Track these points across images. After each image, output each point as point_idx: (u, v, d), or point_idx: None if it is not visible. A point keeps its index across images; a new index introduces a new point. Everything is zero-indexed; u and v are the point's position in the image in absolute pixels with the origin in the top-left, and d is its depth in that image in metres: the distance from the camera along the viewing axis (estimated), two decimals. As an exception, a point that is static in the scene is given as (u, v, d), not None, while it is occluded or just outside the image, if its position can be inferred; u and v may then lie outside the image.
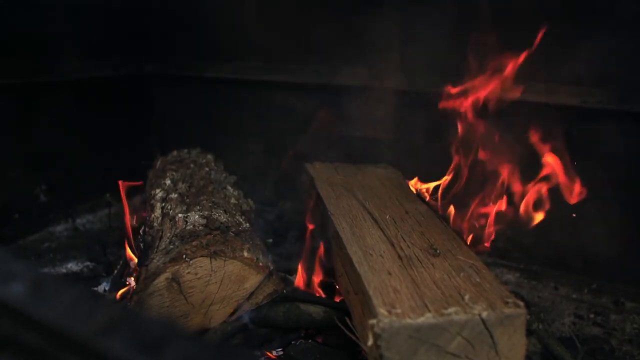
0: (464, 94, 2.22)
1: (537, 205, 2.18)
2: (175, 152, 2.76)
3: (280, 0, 2.82)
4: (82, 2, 2.85)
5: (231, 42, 3.02)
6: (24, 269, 0.77)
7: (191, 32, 3.18)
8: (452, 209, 2.24)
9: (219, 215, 1.94)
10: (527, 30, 2.22)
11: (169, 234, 1.87)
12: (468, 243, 2.16)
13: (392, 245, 1.65)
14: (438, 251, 1.61)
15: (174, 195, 2.15)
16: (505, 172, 2.20)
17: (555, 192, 2.41)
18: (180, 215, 1.94)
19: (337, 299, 1.97)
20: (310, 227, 2.16)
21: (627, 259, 2.30)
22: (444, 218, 2.09)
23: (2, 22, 2.53)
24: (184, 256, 1.68)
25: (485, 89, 2.19)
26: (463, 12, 2.40)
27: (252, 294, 1.79)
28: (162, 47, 3.29)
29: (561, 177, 2.13)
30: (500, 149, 2.20)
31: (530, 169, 2.22)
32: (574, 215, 2.39)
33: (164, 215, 2.04)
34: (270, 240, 2.59)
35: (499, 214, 2.19)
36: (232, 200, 2.22)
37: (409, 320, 1.23)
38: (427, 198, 2.31)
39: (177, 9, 3.19)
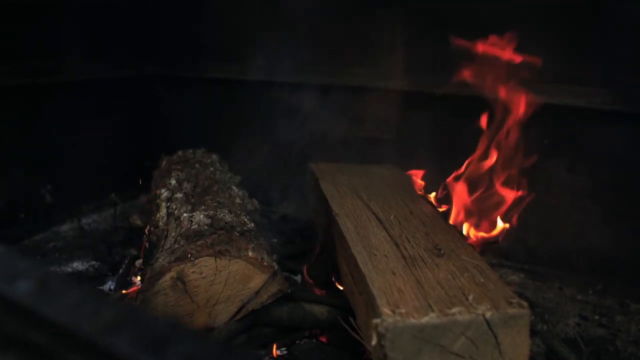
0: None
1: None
2: (180, 152, 2.77)
3: (284, 0, 2.82)
4: (87, 3, 2.86)
5: (235, 42, 3.03)
6: (30, 268, 0.77)
7: (195, 34, 3.19)
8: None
9: (223, 215, 1.94)
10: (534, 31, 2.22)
11: (174, 234, 1.87)
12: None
13: (397, 245, 1.65)
14: (442, 251, 1.61)
15: (179, 195, 2.16)
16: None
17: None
18: (185, 214, 1.95)
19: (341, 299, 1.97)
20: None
21: (633, 260, 2.29)
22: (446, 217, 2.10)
23: (7, 24, 2.54)
24: (189, 255, 1.68)
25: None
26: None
27: (256, 293, 1.79)
28: (166, 48, 3.30)
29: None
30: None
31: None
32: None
33: (169, 214, 2.05)
34: (275, 240, 2.60)
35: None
36: (237, 200, 2.23)
37: (412, 320, 1.23)
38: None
39: (181, 10, 3.20)
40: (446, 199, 2.28)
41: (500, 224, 2.17)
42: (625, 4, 2.11)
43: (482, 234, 2.19)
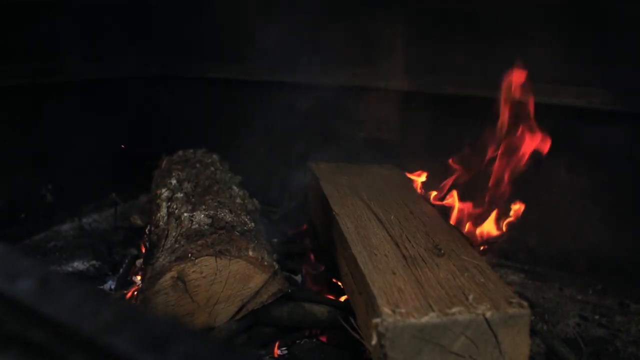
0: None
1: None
2: (180, 152, 2.77)
3: (284, 0, 2.82)
4: (87, 3, 2.86)
5: (235, 42, 3.03)
6: (31, 267, 0.77)
7: (195, 34, 3.19)
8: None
9: (224, 215, 1.94)
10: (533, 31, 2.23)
11: (174, 233, 1.87)
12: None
13: (397, 245, 1.65)
14: (442, 251, 1.61)
15: (179, 195, 2.16)
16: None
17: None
18: (185, 214, 1.95)
19: (342, 299, 1.97)
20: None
21: (633, 260, 2.29)
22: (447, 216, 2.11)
23: (7, 24, 2.54)
24: (190, 255, 1.68)
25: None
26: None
27: (256, 293, 1.80)
28: (167, 48, 3.30)
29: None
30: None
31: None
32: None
33: (170, 214, 2.05)
34: (275, 240, 2.60)
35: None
36: (238, 200, 2.23)
37: (413, 320, 1.23)
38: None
39: (181, 10, 3.20)
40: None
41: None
42: (625, 4, 2.11)
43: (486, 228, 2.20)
